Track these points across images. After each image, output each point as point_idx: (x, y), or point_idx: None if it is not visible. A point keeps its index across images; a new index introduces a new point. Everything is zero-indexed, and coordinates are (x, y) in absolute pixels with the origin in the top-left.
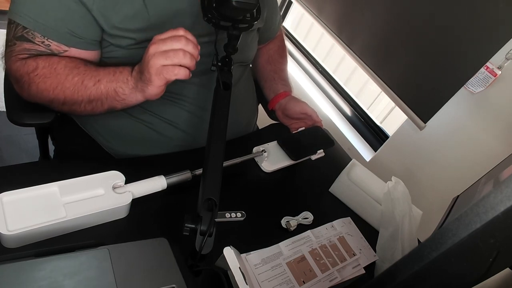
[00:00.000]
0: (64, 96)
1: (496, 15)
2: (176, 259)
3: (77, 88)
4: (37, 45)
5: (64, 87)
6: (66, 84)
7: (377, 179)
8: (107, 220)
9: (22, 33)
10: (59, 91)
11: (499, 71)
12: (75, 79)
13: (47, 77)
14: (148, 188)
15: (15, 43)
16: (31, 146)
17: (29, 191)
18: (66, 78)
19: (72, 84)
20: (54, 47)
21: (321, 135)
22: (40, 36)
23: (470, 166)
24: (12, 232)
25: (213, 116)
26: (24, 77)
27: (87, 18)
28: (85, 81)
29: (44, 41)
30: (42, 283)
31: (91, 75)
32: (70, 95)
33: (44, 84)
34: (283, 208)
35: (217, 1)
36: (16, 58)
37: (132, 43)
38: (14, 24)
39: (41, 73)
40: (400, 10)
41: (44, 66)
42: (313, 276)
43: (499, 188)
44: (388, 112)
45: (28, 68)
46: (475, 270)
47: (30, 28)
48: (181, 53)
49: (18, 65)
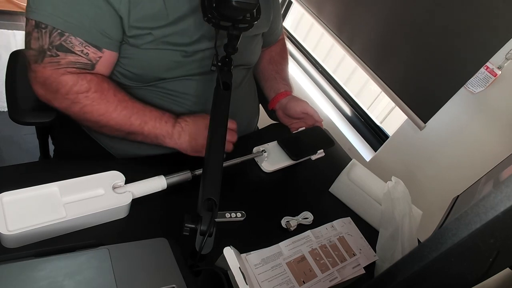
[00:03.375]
0: (107, 123)
1: (496, 15)
2: (176, 259)
3: (123, 122)
4: (79, 55)
5: (111, 117)
6: (113, 114)
7: (377, 179)
8: (107, 220)
9: (60, 42)
10: (104, 117)
11: (499, 71)
12: (123, 112)
13: (96, 102)
14: (148, 188)
15: (57, 54)
16: (31, 146)
17: (29, 191)
18: (115, 109)
19: (120, 116)
20: (91, 54)
21: (321, 135)
22: (78, 43)
23: (470, 166)
24: (12, 232)
25: (213, 116)
26: (70, 94)
27: (114, 18)
28: (132, 118)
29: (83, 50)
30: (42, 283)
31: (138, 114)
32: (114, 124)
33: (91, 107)
34: (283, 208)
35: (217, 1)
36: (64, 71)
37: (148, 41)
38: (47, 29)
39: (92, 96)
40: (400, 10)
41: (96, 90)
42: (313, 276)
43: (499, 188)
44: (388, 112)
45: (80, 88)
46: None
47: (64, 30)
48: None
49: (68, 80)
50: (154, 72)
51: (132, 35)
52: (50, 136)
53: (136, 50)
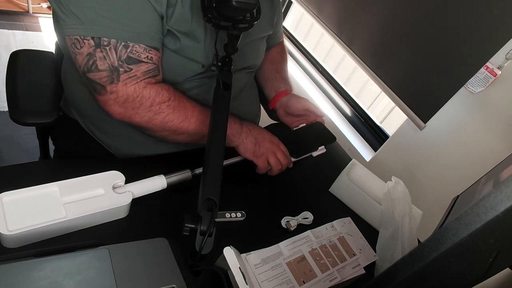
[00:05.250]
0: (187, 129)
1: (496, 15)
2: (176, 259)
3: (200, 126)
4: (147, 62)
5: (190, 122)
6: (191, 119)
7: (377, 179)
8: (107, 220)
9: (127, 54)
10: (184, 124)
11: (499, 71)
12: (200, 116)
13: (176, 110)
14: (148, 188)
15: (131, 68)
16: (31, 146)
17: (29, 191)
18: (193, 113)
19: (197, 120)
20: (155, 57)
21: (322, 131)
22: (142, 50)
23: (470, 166)
24: (12, 232)
25: (213, 116)
26: (154, 106)
27: (159, 19)
28: (207, 121)
29: (147, 55)
30: (42, 283)
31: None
32: (193, 129)
33: (172, 116)
34: (283, 208)
35: (217, 1)
36: (145, 84)
37: (177, 48)
38: (111, 44)
39: (173, 105)
40: (400, 10)
41: (175, 98)
42: (313, 276)
43: (499, 188)
44: (388, 112)
45: (162, 98)
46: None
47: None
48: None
49: (151, 93)
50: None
51: (164, 35)
52: (50, 136)
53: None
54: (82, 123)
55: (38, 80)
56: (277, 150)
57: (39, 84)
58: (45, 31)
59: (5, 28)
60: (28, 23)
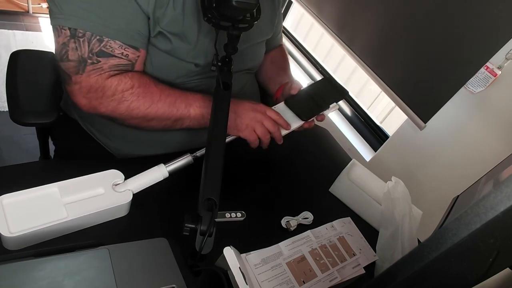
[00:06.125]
0: (155, 114)
1: (496, 15)
2: (176, 259)
3: (170, 109)
4: (120, 58)
5: (157, 107)
6: (159, 104)
7: (377, 179)
8: (109, 218)
9: (100, 48)
10: (151, 109)
11: (499, 71)
12: (167, 99)
13: (141, 96)
14: (149, 180)
15: (98, 60)
16: (31, 146)
17: (29, 192)
18: (160, 98)
19: (166, 104)
20: (131, 55)
21: (331, 86)
22: (117, 46)
23: (470, 166)
24: (14, 234)
25: (213, 116)
26: (116, 94)
27: (144, 18)
28: (177, 102)
29: (122, 52)
30: (42, 283)
31: (181, 98)
32: (162, 113)
33: (137, 103)
34: (283, 208)
35: (217, 1)
36: (108, 75)
37: (170, 48)
38: (85, 37)
39: (136, 92)
40: (400, 10)
41: (140, 85)
42: (313, 276)
43: (499, 188)
44: (388, 112)
45: (125, 86)
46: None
47: (102, 35)
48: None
49: (112, 81)
50: (168, 77)
51: (154, 35)
52: (50, 136)
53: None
54: (82, 123)
55: (38, 80)
56: (263, 118)
57: (39, 84)
58: (45, 31)
59: (5, 28)
60: (28, 23)
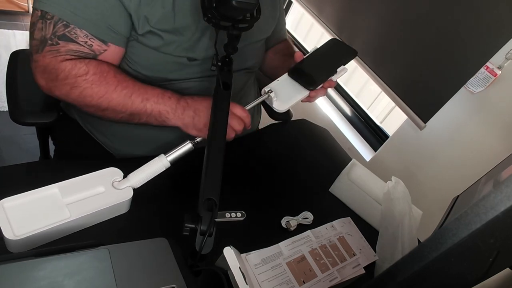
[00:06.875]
0: (108, 105)
1: (496, 15)
2: (176, 259)
3: (124, 101)
4: (82, 46)
5: (111, 97)
6: (113, 95)
7: (377, 179)
8: (110, 216)
9: (64, 32)
10: (104, 99)
11: (499, 71)
12: (123, 91)
13: (95, 84)
14: (151, 172)
15: (58, 42)
16: (31, 146)
17: (30, 195)
18: (115, 89)
19: (120, 96)
20: (96, 46)
21: (338, 47)
22: (83, 35)
23: (470, 166)
24: (19, 237)
25: (213, 116)
26: (69, 79)
27: (123, 14)
28: (133, 96)
29: (87, 41)
30: (42, 283)
31: (139, 92)
32: (115, 105)
33: (90, 90)
34: (283, 208)
35: (217, 1)
36: (63, 58)
37: (160, 45)
38: (52, 20)
39: (91, 79)
40: (400, 10)
41: (95, 72)
42: (313, 276)
43: (499, 188)
44: (388, 112)
45: (78, 72)
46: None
47: (69, 22)
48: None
49: (66, 65)
50: (160, 73)
51: (143, 33)
52: (50, 136)
53: (148, 52)
54: (82, 123)
55: None
56: None
57: None
58: None
59: (5, 28)
60: (28, 23)
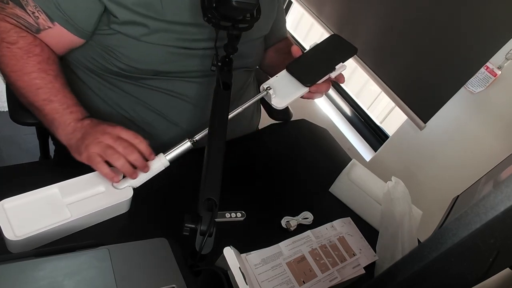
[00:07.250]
0: (14, 82)
1: (496, 15)
2: (176, 259)
3: (30, 89)
4: (28, 15)
5: (21, 78)
6: (24, 77)
7: (377, 179)
8: (111, 216)
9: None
10: (13, 75)
11: (499, 71)
12: (35, 81)
13: (14, 58)
14: (151, 171)
15: (8, 2)
16: (31, 146)
17: (30, 195)
18: (30, 74)
19: (30, 83)
20: (41, 20)
21: (338, 44)
22: (33, 5)
23: (470, 166)
24: (20, 237)
25: (213, 116)
26: None
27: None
28: (40, 91)
29: (34, 12)
30: (42, 283)
31: (50, 91)
32: (20, 86)
33: (7, 60)
34: (283, 208)
35: (217, 1)
36: (2, 18)
37: (145, 33)
38: None
39: (14, 51)
40: (400, 10)
41: (22, 47)
42: (313, 276)
43: (499, 188)
44: (388, 112)
45: (7, 37)
46: (475, 270)
47: None
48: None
49: (1, 25)
50: (151, 65)
51: (125, 21)
52: (50, 136)
53: (130, 41)
54: None
55: None
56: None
57: None
58: None
59: None
60: None
